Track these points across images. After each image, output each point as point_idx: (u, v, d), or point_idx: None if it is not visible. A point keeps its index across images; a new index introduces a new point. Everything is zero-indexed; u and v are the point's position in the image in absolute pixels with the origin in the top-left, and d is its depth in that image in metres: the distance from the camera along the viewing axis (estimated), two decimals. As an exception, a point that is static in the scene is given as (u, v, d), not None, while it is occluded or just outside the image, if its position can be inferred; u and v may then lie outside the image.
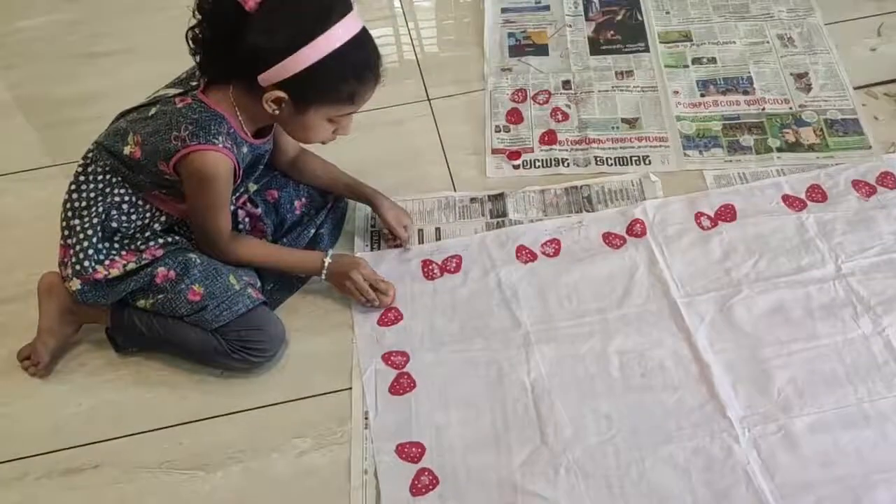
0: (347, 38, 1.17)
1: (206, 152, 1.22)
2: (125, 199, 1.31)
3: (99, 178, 1.31)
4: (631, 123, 1.74)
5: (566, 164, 1.68)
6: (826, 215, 1.52)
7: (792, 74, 1.79)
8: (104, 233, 1.31)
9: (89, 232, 1.30)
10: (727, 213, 1.54)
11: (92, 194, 1.31)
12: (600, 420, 1.29)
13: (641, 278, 1.46)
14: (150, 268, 1.33)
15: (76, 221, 1.31)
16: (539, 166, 1.68)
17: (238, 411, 1.35)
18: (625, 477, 1.22)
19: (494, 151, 1.71)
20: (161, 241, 1.34)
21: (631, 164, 1.66)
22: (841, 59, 1.81)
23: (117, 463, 1.31)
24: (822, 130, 1.68)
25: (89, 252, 1.30)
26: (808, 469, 1.21)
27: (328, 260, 1.42)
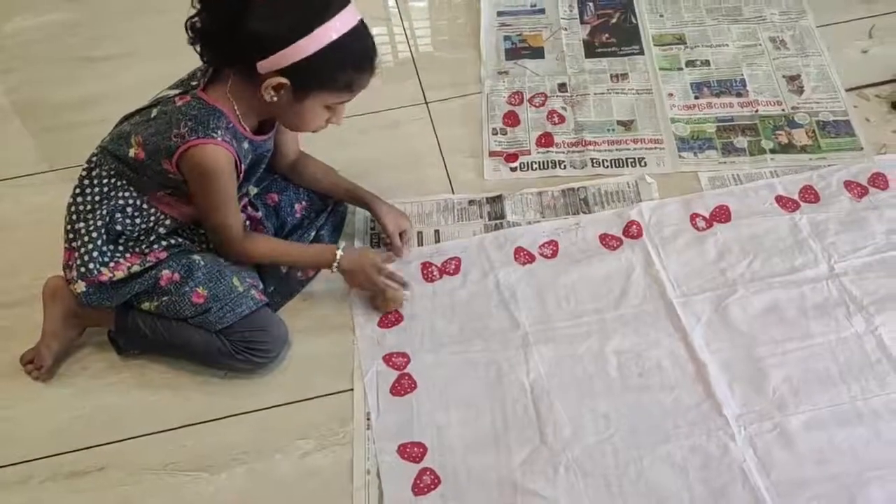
0: (348, 28, 1.19)
1: (206, 146, 1.23)
2: (129, 202, 1.32)
3: (104, 181, 1.32)
4: (626, 126, 1.76)
5: (563, 166, 1.69)
6: (819, 216, 1.54)
7: (784, 77, 1.81)
8: (108, 236, 1.32)
9: (94, 235, 1.31)
10: (722, 214, 1.56)
11: (97, 198, 1.32)
12: (598, 419, 1.30)
13: (638, 279, 1.47)
14: (155, 270, 1.34)
15: (81, 225, 1.32)
16: (536, 168, 1.70)
17: (241, 413, 1.36)
18: (623, 475, 1.24)
19: (492, 154, 1.73)
20: (165, 243, 1.35)
21: (627, 166, 1.68)
22: (832, 61, 1.83)
23: (122, 465, 1.32)
24: (814, 132, 1.70)
25: (94, 255, 1.31)
26: (804, 466, 1.23)
27: (340, 252, 1.42)
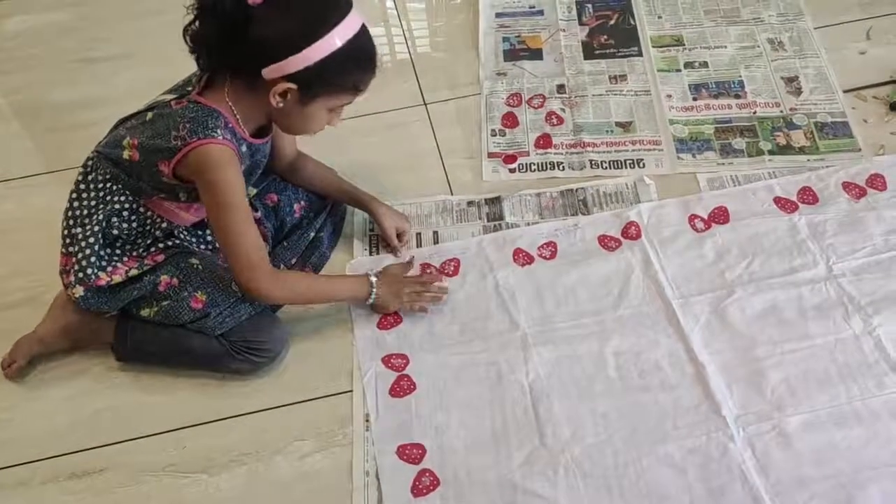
0: (353, 33, 1.19)
1: (208, 146, 1.21)
2: (125, 205, 1.32)
3: (99, 185, 1.32)
4: (625, 127, 1.76)
5: (561, 167, 1.70)
6: (817, 217, 1.54)
7: (782, 78, 1.82)
8: (105, 240, 1.32)
9: (91, 240, 1.31)
10: (720, 216, 1.57)
11: (93, 202, 1.32)
12: (598, 420, 1.30)
13: (637, 280, 1.48)
14: (153, 275, 1.34)
15: (77, 230, 1.32)
16: (535, 170, 1.70)
17: (241, 414, 1.36)
18: (623, 476, 1.24)
19: (490, 155, 1.73)
20: (162, 245, 1.35)
21: (625, 167, 1.68)
22: (830, 62, 1.83)
23: (121, 467, 1.32)
24: (812, 133, 1.70)
25: (91, 259, 1.31)
26: (802, 467, 1.23)
27: (374, 288, 1.41)
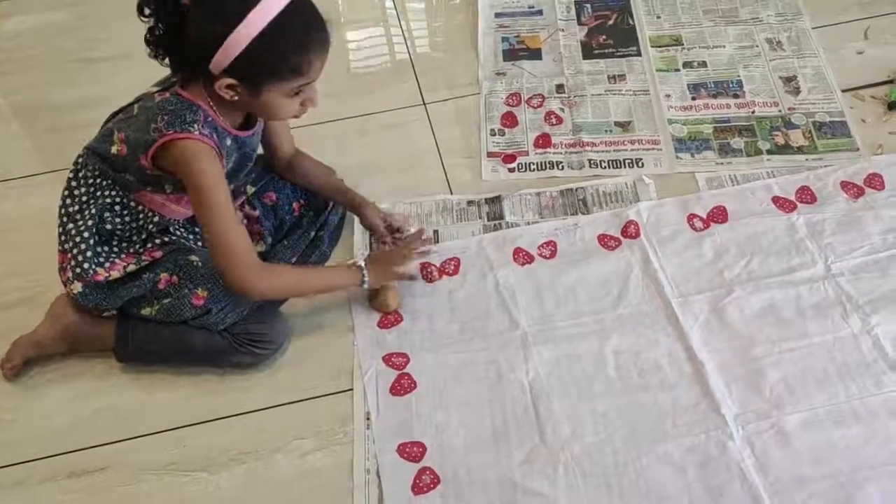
0: (278, 11, 1.13)
1: (185, 141, 1.20)
2: (116, 200, 1.31)
3: (90, 181, 1.32)
4: (624, 127, 1.76)
5: (561, 167, 1.70)
6: (815, 216, 1.55)
7: (781, 78, 1.82)
8: (101, 236, 1.32)
9: (85, 235, 1.31)
10: (719, 215, 1.57)
11: (84, 198, 1.32)
12: (597, 419, 1.31)
13: (636, 279, 1.48)
14: (153, 273, 1.34)
15: (71, 226, 1.32)
16: (534, 169, 1.70)
17: (241, 413, 1.36)
18: (622, 475, 1.25)
19: (490, 155, 1.73)
20: (158, 241, 1.35)
21: (624, 166, 1.69)
22: (828, 62, 1.84)
23: (122, 466, 1.32)
24: (810, 133, 1.71)
25: (88, 255, 1.31)
26: (801, 465, 1.24)
27: (364, 272, 1.39)
